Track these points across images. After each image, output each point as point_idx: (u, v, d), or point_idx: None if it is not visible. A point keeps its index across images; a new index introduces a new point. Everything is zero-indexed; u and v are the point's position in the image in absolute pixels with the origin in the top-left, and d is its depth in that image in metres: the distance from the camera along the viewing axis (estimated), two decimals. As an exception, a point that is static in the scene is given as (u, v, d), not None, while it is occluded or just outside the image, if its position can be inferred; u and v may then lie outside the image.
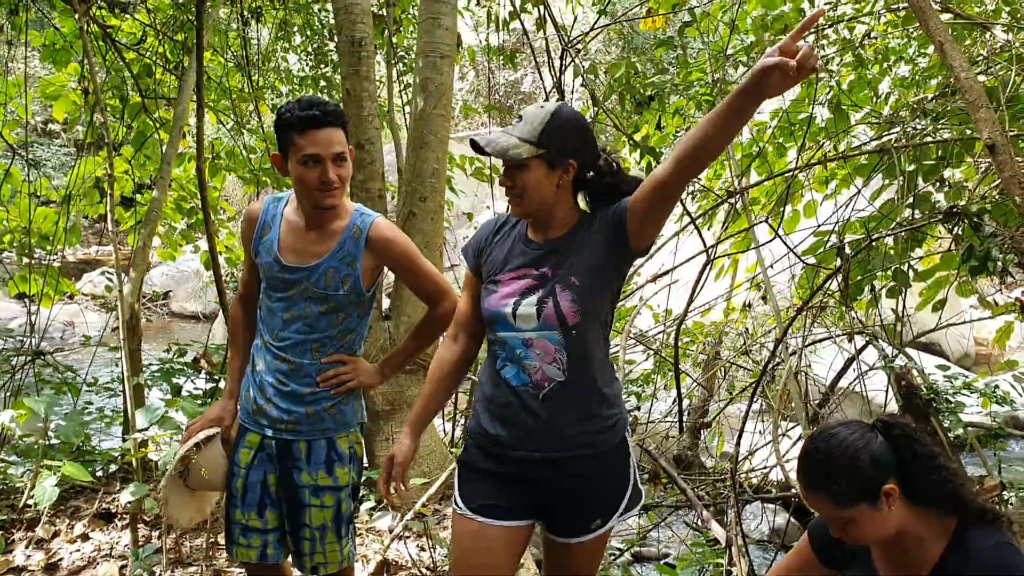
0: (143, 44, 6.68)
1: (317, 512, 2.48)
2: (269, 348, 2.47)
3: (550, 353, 2.07)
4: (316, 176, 2.29)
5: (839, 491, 1.80)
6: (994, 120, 3.16)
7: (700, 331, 6.94)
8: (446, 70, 4.08)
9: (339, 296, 2.42)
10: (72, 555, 3.63)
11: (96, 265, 18.33)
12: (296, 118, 2.27)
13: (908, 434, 1.85)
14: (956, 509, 1.83)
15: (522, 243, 2.19)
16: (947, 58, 3.19)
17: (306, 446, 2.47)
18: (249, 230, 2.51)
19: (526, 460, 2.11)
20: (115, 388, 5.83)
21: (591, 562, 2.23)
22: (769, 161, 5.78)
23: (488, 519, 2.14)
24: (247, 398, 2.54)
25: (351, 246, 2.41)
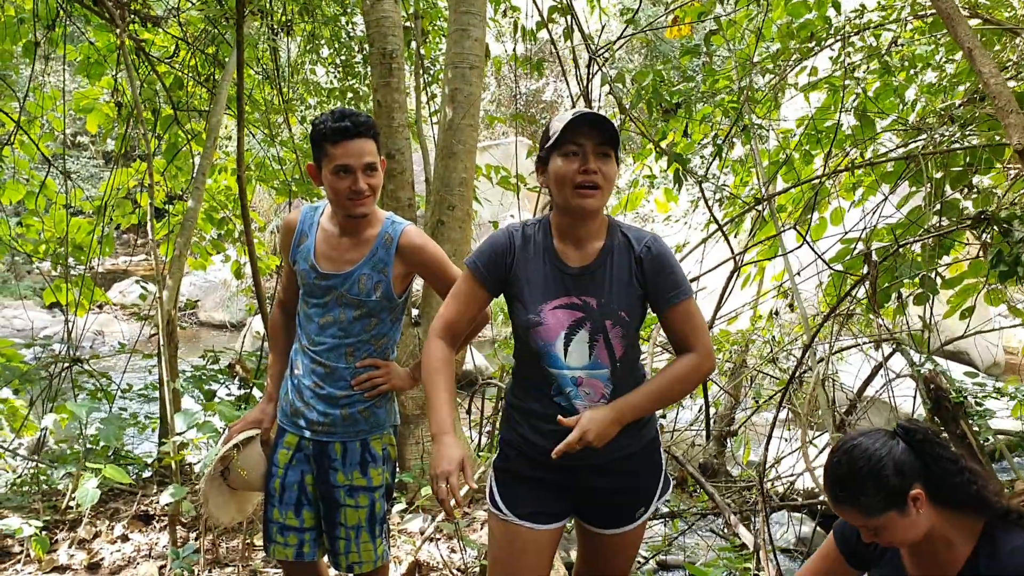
0: (175, 57, 6.81)
1: (352, 512, 2.55)
2: (306, 352, 2.54)
3: (599, 390, 2.12)
4: (347, 185, 2.37)
5: (867, 502, 1.83)
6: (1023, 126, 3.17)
7: (727, 339, 6.95)
8: (474, 80, 4.14)
9: (372, 302, 2.49)
10: (113, 555, 3.72)
11: (125, 276, 18.59)
12: (329, 129, 2.35)
13: (929, 438, 1.88)
14: (982, 510, 1.85)
15: (556, 266, 2.15)
16: (976, 64, 3.21)
17: (341, 447, 2.55)
18: (288, 238, 2.59)
19: (577, 468, 2.16)
20: (148, 394, 5.94)
21: (632, 549, 2.33)
22: (796, 168, 5.80)
23: (534, 525, 2.20)
24: (286, 400, 2.61)
25: (383, 253, 2.49)
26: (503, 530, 2.23)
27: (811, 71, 5.75)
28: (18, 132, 6.21)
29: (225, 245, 7.70)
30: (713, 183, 4.97)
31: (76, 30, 6.81)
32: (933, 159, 5.03)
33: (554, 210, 2.18)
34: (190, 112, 6.76)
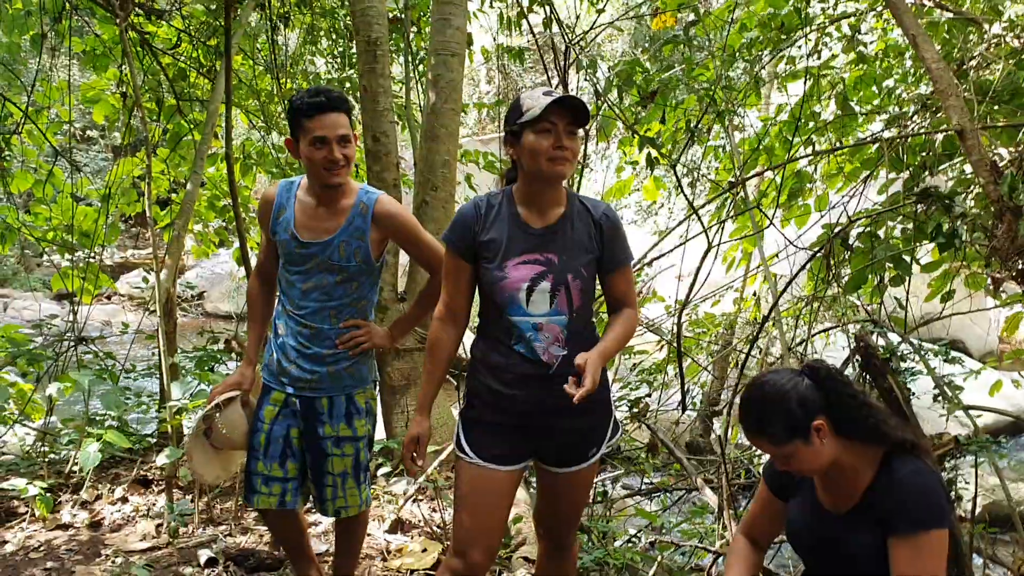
0: (178, 49, 7.02)
1: (338, 460, 2.79)
2: (291, 316, 2.75)
3: (556, 335, 2.36)
4: (323, 156, 2.57)
5: (774, 431, 2.04)
6: (963, 107, 3.37)
7: (711, 321, 7.16)
8: (456, 67, 4.36)
9: (352, 267, 2.70)
10: (113, 515, 3.96)
11: (131, 267, 18.87)
12: (305, 104, 2.56)
13: (832, 375, 2.10)
14: (880, 440, 2.07)
15: (520, 228, 2.38)
16: (919, 50, 3.41)
17: (328, 402, 2.77)
18: (266, 211, 2.77)
19: (536, 412, 2.40)
20: (152, 373, 6.18)
21: (587, 486, 2.62)
22: (776, 155, 5.99)
23: (496, 466, 2.42)
24: (271, 361, 2.82)
25: (359, 221, 2.68)
26: (469, 473, 2.45)
27: (788, 60, 5.94)
28: (26, 122, 6.42)
29: (228, 233, 7.91)
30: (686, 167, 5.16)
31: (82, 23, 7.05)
32: (908, 146, 5.22)
33: (519, 180, 2.42)
34: (192, 102, 6.97)
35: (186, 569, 3.41)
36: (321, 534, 3.86)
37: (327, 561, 3.55)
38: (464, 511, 2.47)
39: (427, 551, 3.60)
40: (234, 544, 3.65)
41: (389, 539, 3.78)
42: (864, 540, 2.04)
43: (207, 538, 3.71)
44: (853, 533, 2.07)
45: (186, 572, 3.39)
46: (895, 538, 1.97)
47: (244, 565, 3.44)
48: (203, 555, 3.48)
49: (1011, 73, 4.83)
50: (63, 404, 6.31)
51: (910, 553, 1.95)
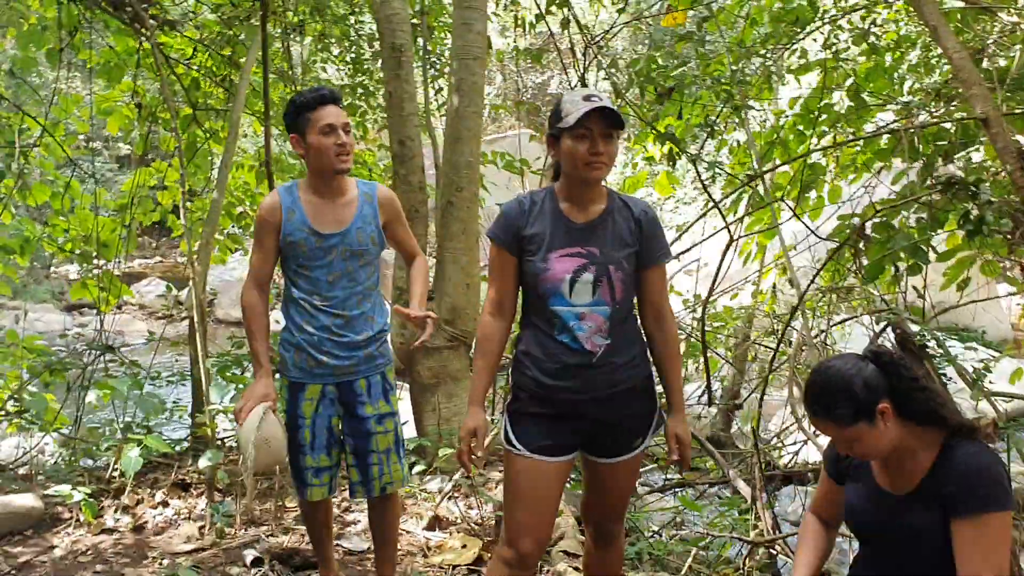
0: (193, 59, 7.09)
1: (383, 438, 2.93)
2: (319, 309, 2.84)
3: (599, 324, 2.42)
4: (333, 142, 2.75)
5: (839, 414, 2.08)
6: (987, 95, 3.42)
7: (729, 315, 7.21)
8: (478, 71, 4.43)
9: (370, 250, 2.89)
10: (156, 518, 4.02)
11: (140, 277, 18.96)
12: (310, 99, 2.78)
13: (895, 360, 2.13)
14: (941, 424, 2.10)
15: (563, 222, 2.46)
16: (940, 39, 3.47)
17: (365, 383, 2.91)
18: (275, 216, 2.84)
19: (581, 402, 2.46)
20: (176, 382, 6.24)
21: (633, 477, 2.67)
22: (790, 148, 6.04)
23: (544, 457, 2.47)
24: (299, 358, 2.88)
25: (367, 208, 2.89)
26: (518, 465, 2.50)
27: (801, 53, 6.00)
28: (43, 135, 6.48)
29: (244, 239, 7.97)
30: (706, 161, 5.21)
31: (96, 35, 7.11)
32: (923, 136, 5.27)
33: (561, 178, 2.52)
34: (208, 111, 7.04)
35: (232, 569, 3.48)
36: (362, 531, 3.92)
37: (370, 558, 3.61)
38: (514, 503, 2.52)
39: (467, 547, 3.66)
40: (277, 544, 3.71)
41: (428, 536, 3.83)
42: (925, 521, 2.07)
43: (250, 538, 3.77)
44: (913, 514, 2.10)
45: (233, 572, 3.45)
46: (958, 519, 2.00)
47: (289, 564, 3.50)
48: (248, 555, 3.54)
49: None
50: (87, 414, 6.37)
51: (974, 534, 1.98)
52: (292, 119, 2.81)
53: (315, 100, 2.77)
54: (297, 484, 2.96)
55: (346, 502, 4.27)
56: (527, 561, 2.48)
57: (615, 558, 2.79)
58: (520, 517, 2.49)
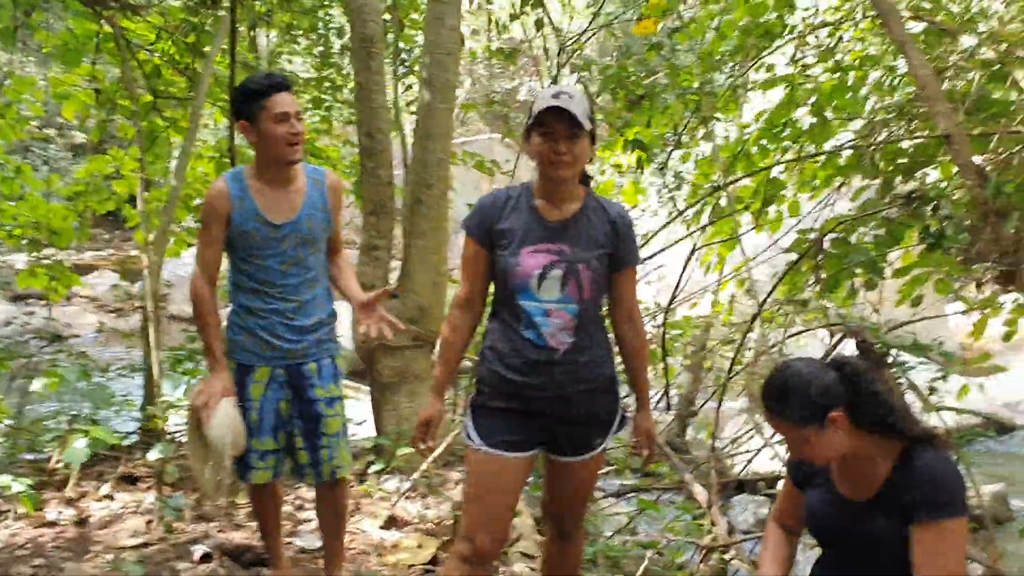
0: (155, 45, 6.95)
1: (333, 421, 2.90)
2: (272, 296, 2.82)
3: (565, 321, 2.42)
4: (286, 131, 2.69)
5: (791, 414, 2.09)
6: (950, 113, 3.48)
7: (688, 324, 7.25)
8: (451, 67, 4.39)
9: (321, 236, 2.87)
10: (100, 512, 3.90)
11: (92, 269, 18.58)
12: (263, 85, 2.70)
13: (858, 372, 2.15)
14: (901, 435, 2.13)
15: (537, 219, 2.46)
16: (907, 56, 3.52)
17: (316, 366, 2.89)
18: (224, 204, 2.76)
19: (543, 399, 2.45)
20: (126, 374, 6.10)
21: (593, 477, 2.65)
22: (754, 162, 6.10)
23: (503, 452, 2.46)
24: (249, 342, 2.84)
25: (316, 195, 2.85)
26: (477, 459, 2.48)
27: (768, 68, 6.06)
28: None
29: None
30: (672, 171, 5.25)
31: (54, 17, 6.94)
32: (883, 153, 5.34)
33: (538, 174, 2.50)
34: (169, 99, 6.90)
35: (180, 565, 3.38)
36: (316, 530, 3.84)
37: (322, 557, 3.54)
38: (472, 497, 2.51)
39: (423, 547, 3.61)
40: (227, 540, 3.61)
41: (383, 536, 3.77)
42: (884, 527, 2.09)
43: (199, 534, 3.67)
44: (873, 521, 2.12)
45: (180, 568, 3.35)
46: (916, 525, 2.02)
47: (240, 560, 3.42)
48: (197, 550, 3.44)
49: (983, 84, 4.98)
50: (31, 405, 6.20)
51: (931, 539, 2.00)
52: (243, 105, 2.74)
53: (268, 86, 2.70)
54: (241, 469, 2.89)
55: (299, 500, 4.20)
56: (483, 557, 2.45)
57: (573, 560, 2.77)
58: (477, 511, 2.48)
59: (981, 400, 8.14)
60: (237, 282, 2.87)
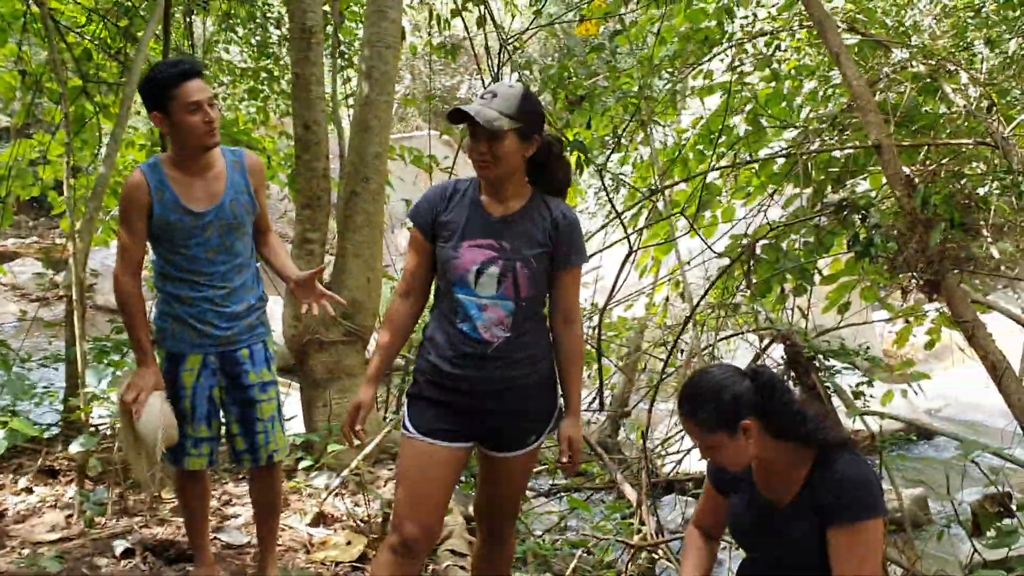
0: (86, 28, 6.75)
1: (267, 405, 2.91)
2: (201, 284, 2.78)
3: (500, 318, 2.42)
4: (200, 119, 2.63)
5: (703, 419, 2.14)
6: (881, 123, 3.57)
7: (623, 325, 7.32)
8: (391, 59, 4.36)
9: (246, 220, 2.84)
10: (17, 505, 3.78)
11: (15, 257, 17.97)
12: (171, 75, 2.63)
13: (772, 382, 2.20)
14: (814, 443, 2.17)
15: (479, 213, 2.46)
16: (841, 66, 3.60)
17: (248, 352, 2.88)
18: (143, 198, 2.71)
19: (476, 392, 2.45)
20: (48, 365, 5.90)
21: (526, 474, 2.66)
22: (690, 166, 6.18)
23: (436, 440, 2.45)
24: (178, 330, 2.81)
25: (237, 177, 2.82)
26: (409, 447, 2.48)
27: (706, 75, 6.15)
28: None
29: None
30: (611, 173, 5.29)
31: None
32: (815, 162, 5.47)
33: None
34: (99, 84, 6.71)
35: (100, 560, 3.28)
36: (242, 526, 3.78)
37: (248, 552, 3.49)
38: (402, 485, 2.50)
39: (351, 544, 3.57)
40: (150, 535, 3.53)
41: (312, 532, 3.72)
42: (803, 531, 2.14)
43: (121, 529, 3.57)
44: (792, 525, 2.17)
45: (101, 563, 3.26)
46: (833, 528, 2.07)
47: (163, 556, 3.34)
48: (119, 546, 3.35)
49: (914, 97, 5.12)
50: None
51: (848, 542, 2.05)
52: (153, 96, 2.66)
53: (178, 75, 2.62)
54: (174, 456, 2.86)
55: (226, 495, 4.12)
56: (412, 547, 2.42)
57: (504, 558, 2.77)
58: (406, 499, 2.46)
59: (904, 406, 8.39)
60: (163, 272, 2.83)
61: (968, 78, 4.91)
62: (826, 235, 4.92)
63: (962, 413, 9.98)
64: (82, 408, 3.68)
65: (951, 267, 3.59)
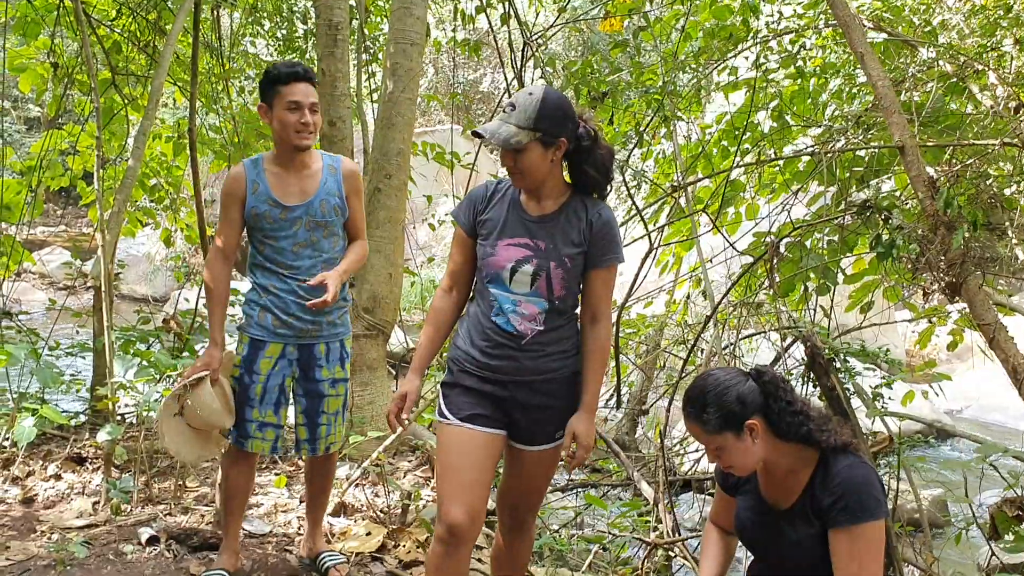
0: (116, 21, 6.84)
1: (334, 400, 3.10)
2: (286, 277, 2.96)
3: (533, 314, 2.48)
4: (296, 119, 2.85)
5: (708, 420, 2.16)
6: (905, 124, 3.56)
7: (643, 322, 7.32)
8: (415, 56, 4.39)
9: (333, 221, 3.01)
10: (47, 491, 3.86)
11: (44, 246, 18.21)
12: (282, 73, 2.86)
13: (775, 382, 2.22)
14: (816, 444, 2.19)
15: (517, 213, 2.52)
16: (866, 67, 3.59)
17: (325, 347, 3.06)
18: (240, 190, 2.95)
19: (507, 382, 2.51)
20: (76, 353, 6.00)
21: (549, 469, 2.69)
22: (713, 163, 6.17)
23: (473, 426, 2.50)
24: (263, 318, 2.99)
25: (332, 181, 3.01)
26: (448, 434, 2.53)
27: (731, 71, 6.13)
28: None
29: (156, 213, 7.73)
30: (633, 169, 5.29)
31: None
32: (840, 161, 5.44)
33: None
34: (128, 76, 6.79)
35: (126, 547, 3.35)
36: (264, 515, 3.84)
37: (271, 542, 3.55)
38: (444, 473, 2.53)
39: (371, 534, 3.62)
40: (175, 523, 3.60)
41: (332, 522, 3.77)
42: (805, 533, 2.17)
43: (147, 517, 3.64)
44: (795, 527, 2.20)
45: (127, 550, 3.33)
46: (835, 530, 2.10)
47: (187, 544, 3.40)
48: (144, 533, 3.42)
49: (939, 96, 5.09)
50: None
51: (850, 544, 2.07)
52: (264, 89, 2.90)
53: (287, 75, 2.84)
54: (237, 437, 3.00)
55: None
56: (457, 533, 2.44)
57: (524, 550, 2.80)
58: (449, 485, 2.49)
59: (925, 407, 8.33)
60: (256, 262, 3.02)
61: (996, 78, 4.87)
62: (850, 234, 4.91)
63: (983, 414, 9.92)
64: (109, 398, 3.74)
65: (973, 269, 3.57)
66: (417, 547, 3.53)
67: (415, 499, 3.82)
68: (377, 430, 4.04)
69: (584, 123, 2.48)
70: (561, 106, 2.43)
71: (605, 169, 2.52)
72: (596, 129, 2.52)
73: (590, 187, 2.53)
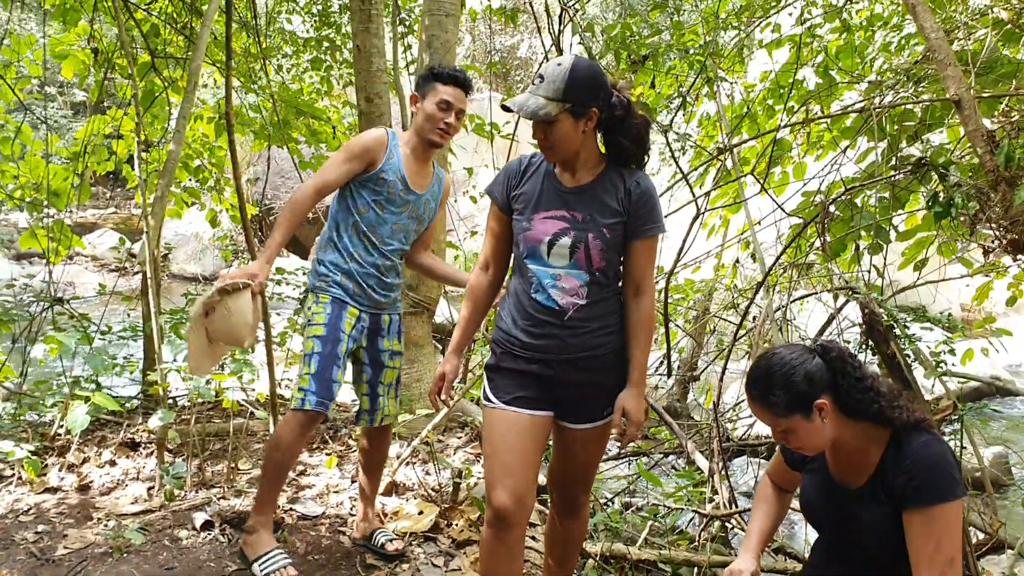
0: (153, 4, 6.85)
1: (390, 372, 3.28)
2: (375, 248, 3.11)
3: (575, 287, 2.42)
4: (442, 117, 3.03)
5: (775, 402, 2.07)
6: (960, 77, 3.40)
7: (691, 287, 7.22)
8: (451, 28, 4.31)
9: (427, 221, 3.27)
10: (102, 478, 3.92)
11: (94, 228, 18.52)
12: (443, 74, 3.05)
13: (843, 357, 2.11)
14: (888, 422, 2.09)
15: (552, 185, 2.46)
16: (918, 18, 3.43)
17: (388, 319, 3.25)
18: (380, 150, 3.05)
19: (552, 360, 2.45)
20: (128, 337, 6.08)
21: (598, 447, 2.63)
22: (759, 123, 6.01)
23: (518, 408, 2.47)
24: (346, 282, 3.10)
25: (436, 187, 3.26)
26: (493, 418, 2.50)
27: (774, 28, 5.95)
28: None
29: (201, 193, 7.77)
30: (677, 133, 5.17)
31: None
32: (889, 115, 5.26)
33: None
34: (167, 59, 6.81)
35: (181, 532, 3.39)
36: (317, 496, 3.86)
37: (323, 524, 3.56)
38: (490, 456, 2.50)
39: (424, 513, 3.62)
40: (228, 507, 3.63)
41: (384, 502, 3.78)
42: (877, 514, 2.09)
43: (200, 501, 3.68)
44: (866, 507, 2.11)
45: (181, 535, 3.36)
46: (909, 512, 2.01)
47: (241, 528, 3.42)
48: (198, 518, 3.45)
49: (993, 45, 4.88)
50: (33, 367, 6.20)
51: (925, 526, 1.99)
52: (422, 82, 3.08)
53: (448, 77, 3.03)
54: (319, 396, 2.98)
55: (301, 464, 4.20)
56: (505, 516, 2.40)
57: (578, 529, 2.77)
58: (496, 469, 2.46)
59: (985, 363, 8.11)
60: (348, 226, 3.10)
61: (1055, 22, 4.65)
62: (901, 191, 4.75)
63: (1044, 369, 9.66)
64: (160, 383, 3.78)
65: (1036, 225, 3.42)
66: (470, 526, 3.51)
67: (466, 476, 3.81)
68: (425, 407, 4.02)
69: (617, 92, 2.40)
70: (592, 75, 2.34)
71: (640, 139, 2.44)
72: (629, 99, 2.44)
73: (625, 158, 2.45)
